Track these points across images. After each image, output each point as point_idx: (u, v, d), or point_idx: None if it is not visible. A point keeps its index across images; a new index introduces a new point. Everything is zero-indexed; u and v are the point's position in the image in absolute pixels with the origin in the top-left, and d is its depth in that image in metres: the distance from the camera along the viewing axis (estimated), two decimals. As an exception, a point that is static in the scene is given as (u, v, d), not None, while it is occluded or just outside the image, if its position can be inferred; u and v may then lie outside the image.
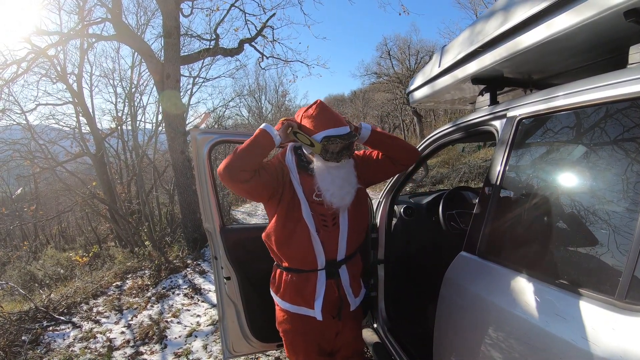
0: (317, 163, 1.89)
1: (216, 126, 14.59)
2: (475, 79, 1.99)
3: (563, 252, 1.33)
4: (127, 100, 12.94)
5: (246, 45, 9.50)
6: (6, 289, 7.69)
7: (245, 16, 8.80)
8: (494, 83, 1.99)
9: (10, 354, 4.47)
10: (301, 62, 12.40)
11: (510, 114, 1.62)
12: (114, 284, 6.72)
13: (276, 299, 2.08)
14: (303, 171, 1.97)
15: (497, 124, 1.71)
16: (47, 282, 8.40)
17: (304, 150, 1.98)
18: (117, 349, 4.40)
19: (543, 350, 1.15)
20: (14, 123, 11.37)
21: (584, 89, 1.25)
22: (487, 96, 1.99)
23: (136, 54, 11.03)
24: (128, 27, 7.06)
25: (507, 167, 1.58)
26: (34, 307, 5.69)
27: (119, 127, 12.49)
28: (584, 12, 1.22)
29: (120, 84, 14.84)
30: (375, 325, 2.91)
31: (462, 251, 1.73)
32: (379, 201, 2.85)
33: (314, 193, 1.92)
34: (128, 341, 4.54)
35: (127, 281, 6.80)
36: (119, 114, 13.24)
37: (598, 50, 1.46)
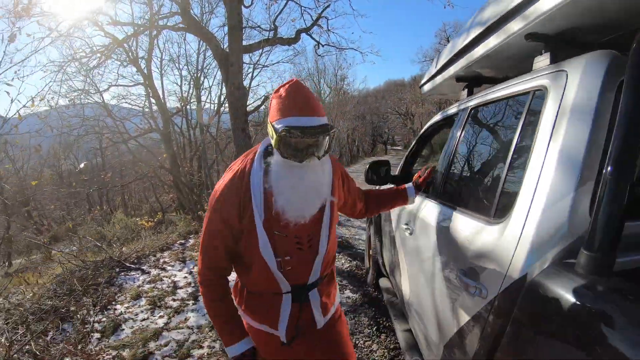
0: (275, 157, 1.53)
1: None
2: (458, 78, 2.62)
3: (465, 190, 2.06)
4: (192, 83, 14.10)
5: (303, 34, 10.26)
6: (84, 243, 8.98)
7: (301, 8, 9.56)
8: (472, 81, 2.61)
9: (88, 292, 5.55)
10: (355, 49, 13.11)
11: (469, 104, 2.26)
12: (178, 242, 7.77)
13: (239, 309, 1.79)
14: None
15: (463, 112, 2.35)
16: (115, 242, 9.65)
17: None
18: (180, 288, 5.36)
19: (447, 245, 1.85)
20: (92, 102, 12.79)
21: (499, 88, 1.90)
22: (465, 91, 2.62)
23: (201, 41, 12.05)
24: (196, 20, 7.98)
25: (459, 140, 2.24)
26: (108, 257, 6.79)
27: (184, 107, 13.70)
28: (501, 36, 1.84)
29: (186, 67, 16.11)
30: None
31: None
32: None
33: None
34: (189, 283, 5.50)
35: (190, 240, 7.83)
36: (184, 95, 14.48)
37: (523, 59, 2.06)
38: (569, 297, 0.98)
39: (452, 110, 2.62)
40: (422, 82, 3.38)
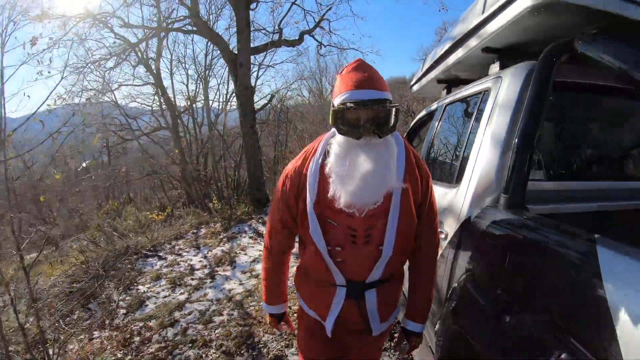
0: (336, 137, 1.48)
1: (279, 106, 16.10)
2: (438, 80, 3.16)
3: (440, 167, 2.60)
4: (199, 82, 14.65)
5: (305, 36, 10.81)
6: (98, 235, 9.54)
7: (304, 12, 10.11)
8: (450, 82, 3.15)
9: (110, 276, 6.10)
10: (356, 49, 13.73)
11: (444, 102, 2.80)
12: (191, 232, 8.31)
13: (296, 289, 1.82)
14: None
15: (440, 108, 2.88)
16: (128, 233, 10.20)
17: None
18: (197, 270, 5.91)
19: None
20: (107, 100, 13.36)
21: (463, 89, 2.44)
22: (445, 91, 3.16)
23: (209, 42, 12.58)
24: (206, 24, 8.52)
25: (437, 131, 2.78)
26: (125, 245, 7.34)
27: (191, 106, 14.25)
28: (466, 49, 2.37)
29: (192, 66, 16.66)
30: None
31: None
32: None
33: None
34: (205, 266, 6.05)
35: (202, 229, 8.38)
36: (191, 94, 15.03)
37: (485, 66, 2.59)
38: (490, 224, 1.52)
39: (433, 106, 3.16)
40: (412, 82, 3.92)
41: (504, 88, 1.83)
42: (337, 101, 1.41)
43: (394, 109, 1.39)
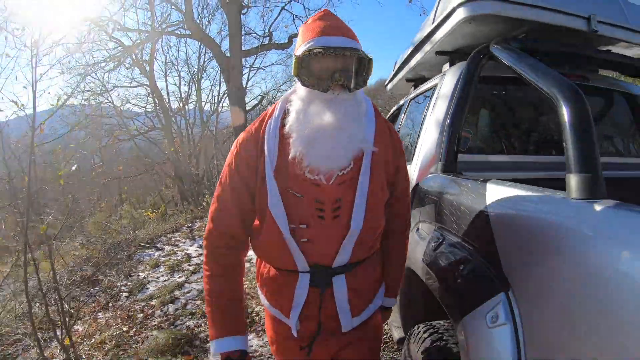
0: (298, 92, 1.27)
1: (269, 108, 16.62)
2: (407, 79, 3.64)
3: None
4: (192, 83, 15.11)
5: (295, 39, 11.23)
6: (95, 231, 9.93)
7: (293, 16, 10.60)
8: (417, 81, 3.63)
9: (110, 265, 6.51)
10: (343, 53, 14.15)
11: (410, 97, 3.28)
12: (186, 225, 8.74)
13: (259, 291, 1.53)
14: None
15: (406, 102, 3.36)
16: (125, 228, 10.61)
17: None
18: (194, 257, 6.35)
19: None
20: (103, 101, 13.78)
21: (422, 86, 2.93)
22: (412, 88, 3.65)
23: (202, 45, 13.04)
24: (200, 28, 8.96)
25: (403, 122, 3.26)
26: (124, 238, 7.76)
27: (183, 107, 14.72)
28: (423, 52, 2.84)
29: (185, 68, 17.14)
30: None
31: None
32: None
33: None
34: (201, 254, 6.47)
35: (196, 223, 8.82)
36: (183, 95, 15.50)
37: (441, 66, 3.06)
38: (429, 184, 1.99)
39: (401, 102, 3.65)
40: (386, 82, 4.41)
41: (445, 83, 2.31)
42: (301, 50, 1.20)
43: (366, 60, 1.21)
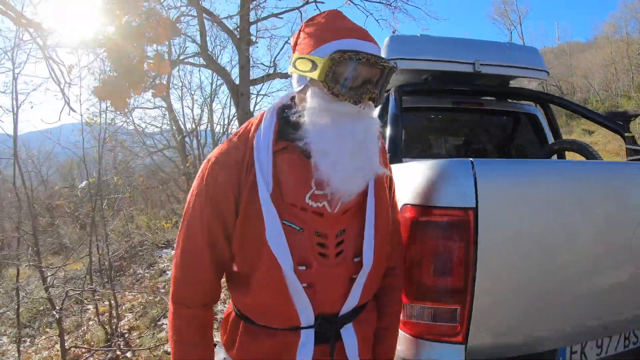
0: (313, 101, 0.99)
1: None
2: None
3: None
4: (204, 107, 16.53)
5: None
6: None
7: (296, 49, 11.91)
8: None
9: (132, 260, 7.64)
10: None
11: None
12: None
13: (225, 354, 1.18)
14: (287, 151, 1.03)
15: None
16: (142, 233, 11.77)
17: (297, 99, 1.06)
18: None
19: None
20: (123, 122, 15.18)
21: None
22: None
23: (214, 73, 14.50)
24: (214, 60, 10.29)
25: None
26: (142, 240, 8.91)
27: (196, 128, 16.08)
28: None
29: (198, 92, 18.70)
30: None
31: None
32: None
33: (309, 190, 1.02)
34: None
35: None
36: (195, 118, 16.86)
37: None
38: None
39: None
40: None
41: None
42: (327, 49, 0.96)
43: (391, 73, 1.03)
